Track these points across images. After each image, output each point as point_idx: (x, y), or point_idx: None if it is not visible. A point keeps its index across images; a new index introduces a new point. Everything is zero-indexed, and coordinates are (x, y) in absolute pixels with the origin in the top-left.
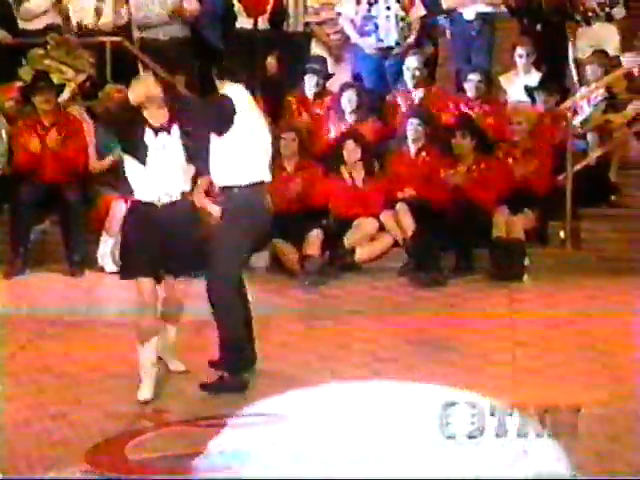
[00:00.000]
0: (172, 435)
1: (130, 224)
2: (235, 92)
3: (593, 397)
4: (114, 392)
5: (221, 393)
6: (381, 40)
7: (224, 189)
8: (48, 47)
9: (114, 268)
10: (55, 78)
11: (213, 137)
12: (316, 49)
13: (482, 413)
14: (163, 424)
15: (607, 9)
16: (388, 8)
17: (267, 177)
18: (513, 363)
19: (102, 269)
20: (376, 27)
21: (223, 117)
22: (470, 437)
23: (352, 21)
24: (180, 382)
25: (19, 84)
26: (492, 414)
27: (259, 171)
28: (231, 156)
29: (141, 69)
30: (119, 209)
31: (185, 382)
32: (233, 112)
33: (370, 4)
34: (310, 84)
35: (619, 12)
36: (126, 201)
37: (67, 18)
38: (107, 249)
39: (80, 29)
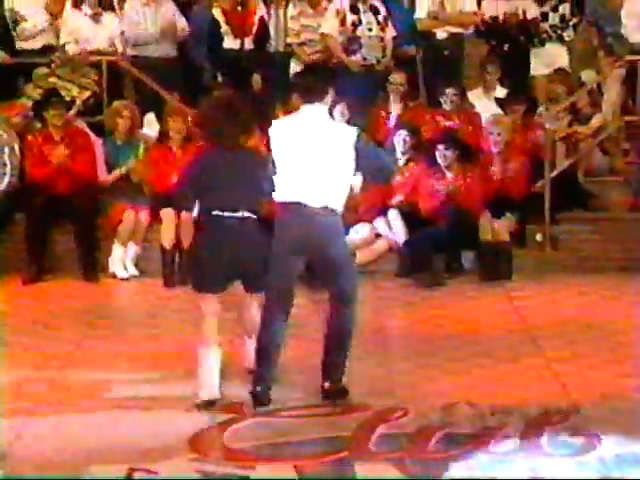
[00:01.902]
0: (260, 425)
1: None
2: (305, 114)
3: (631, 384)
4: (187, 389)
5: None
6: (365, 58)
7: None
8: (53, 66)
9: (125, 274)
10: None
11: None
12: (296, 67)
13: None
14: (248, 415)
15: (559, 31)
16: (370, 29)
17: (306, 199)
18: (543, 355)
19: (114, 275)
20: (360, 46)
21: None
22: None
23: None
24: None
25: (24, 101)
26: None
27: (296, 191)
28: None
29: (131, 87)
30: (130, 218)
31: None
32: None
33: (355, 25)
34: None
35: (569, 34)
36: (136, 212)
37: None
38: (118, 256)
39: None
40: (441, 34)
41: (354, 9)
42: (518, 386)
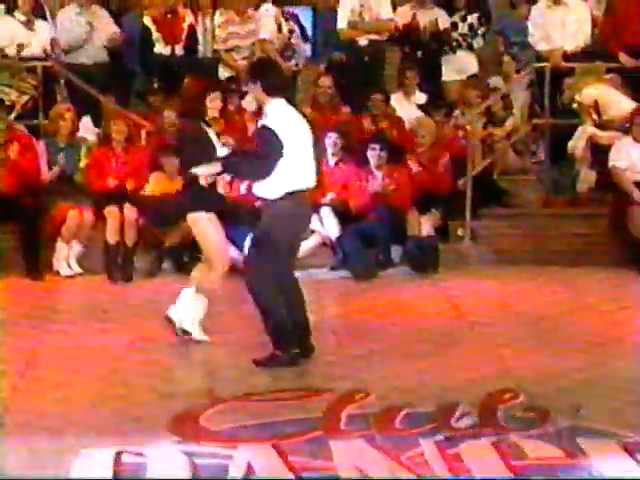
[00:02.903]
0: (234, 409)
1: None
2: (279, 107)
3: (570, 364)
4: (154, 378)
5: (273, 367)
6: (297, 65)
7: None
8: None
9: (69, 272)
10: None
11: None
12: (224, 72)
13: None
14: (218, 400)
15: (468, 40)
16: (297, 36)
17: (304, 185)
18: (482, 340)
19: (58, 273)
20: (294, 52)
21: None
22: None
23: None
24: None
25: None
26: None
27: (293, 182)
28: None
29: (63, 91)
30: (74, 217)
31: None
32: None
33: (291, 32)
34: (231, 102)
35: (478, 42)
36: (80, 211)
37: None
38: (62, 254)
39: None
40: (362, 41)
41: (285, 17)
42: (465, 369)
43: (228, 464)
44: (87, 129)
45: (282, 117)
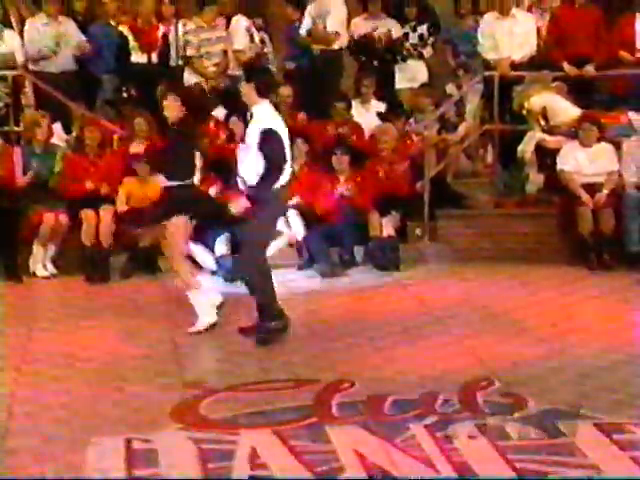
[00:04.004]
0: (230, 399)
1: None
2: (267, 109)
3: (536, 353)
4: (148, 371)
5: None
6: None
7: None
8: None
9: (46, 273)
10: None
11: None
12: (191, 78)
13: None
14: (213, 391)
15: (419, 49)
16: (269, 46)
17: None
18: (451, 332)
19: (34, 274)
20: (268, 61)
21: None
22: None
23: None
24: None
25: None
26: None
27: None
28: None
29: (31, 98)
30: (50, 220)
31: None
32: None
33: (263, 42)
34: None
35: (428, 52)
36: (56, 215)
37: None
38: (39, 256)
39: None
40: (316, 50)
41: (256, 27)
42: (439, 360)
43: (234, 449)
44: (57, 136)
45: (272, 118)
